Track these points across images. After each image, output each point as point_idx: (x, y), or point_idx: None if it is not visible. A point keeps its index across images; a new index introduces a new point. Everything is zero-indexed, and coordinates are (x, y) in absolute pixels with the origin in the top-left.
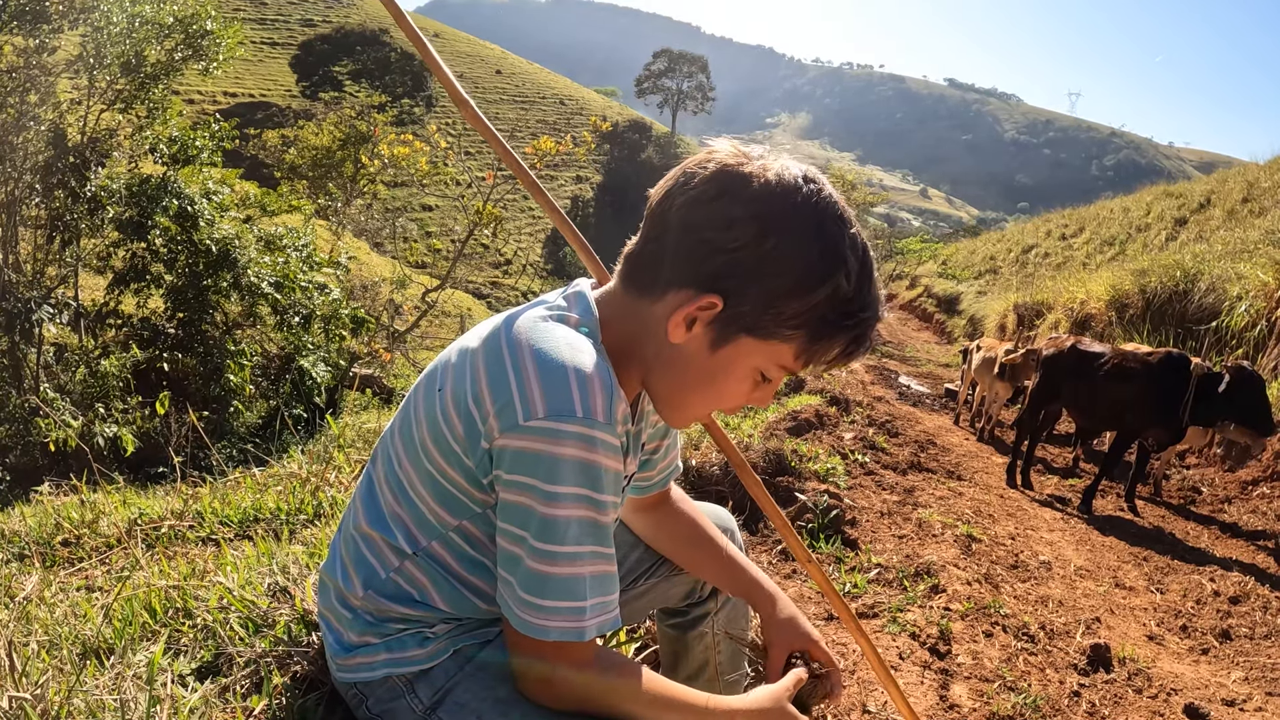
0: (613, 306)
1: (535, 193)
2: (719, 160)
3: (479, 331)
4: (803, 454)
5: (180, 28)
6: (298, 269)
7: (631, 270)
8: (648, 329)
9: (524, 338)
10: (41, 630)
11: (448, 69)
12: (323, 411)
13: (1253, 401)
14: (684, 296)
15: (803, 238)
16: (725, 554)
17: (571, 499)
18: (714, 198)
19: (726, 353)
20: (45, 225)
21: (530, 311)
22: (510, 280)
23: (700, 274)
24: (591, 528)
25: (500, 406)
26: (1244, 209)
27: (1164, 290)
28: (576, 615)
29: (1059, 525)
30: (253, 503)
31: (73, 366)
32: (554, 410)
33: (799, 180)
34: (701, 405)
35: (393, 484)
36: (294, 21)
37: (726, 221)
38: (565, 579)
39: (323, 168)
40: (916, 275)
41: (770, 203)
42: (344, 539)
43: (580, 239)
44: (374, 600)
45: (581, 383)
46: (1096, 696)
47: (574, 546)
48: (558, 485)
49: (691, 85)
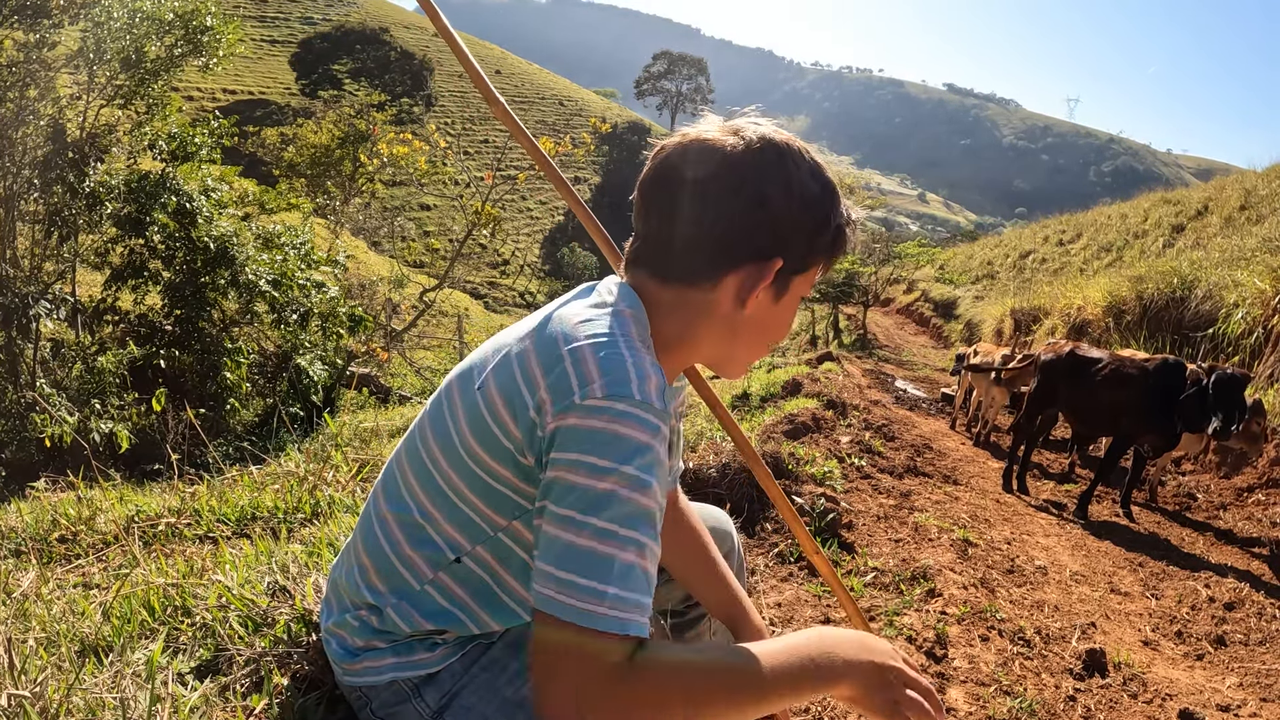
0: (655, 300)
1: (561, 187)
2: (713, 144)
3: (516, 331)
4: (800, 457)
5: (180, 24)
6: (295, 267)
7: (661, 266)
8: (708, 314)
9: (578, 326)
10: (39, 627)
11: (479, 68)
12: (320, 410)
13: (1229, 403)
14: (747, 273)
15: (811, 183)
16: (722, 577)
17: (619, 475)
18: (738, 183)
19: (786, 299)
20: (43, 220)
21: (577, 303)
22: (508, 280)
23: (755, 249)
24: (636, 510)
25: (557, 389)
26: (1241, 216)
27: (1161, 297)
28: (597, 598)
29: (1055, 530)
30: (250, 501)
31: (69, 362)
32: (612, 391)
33: (777, 138)
34: (760, 352)
35: (429, 489)
36: (294, 19)
37: (759, 199)
38: (601, 556)
39: (321, 166)
40: (914, 279)
41: (780, 168)
42: (366, 549)
43: (604, 233)
44: (404, 612)
45: (639, 368)
46: (1092, 701)
47: (613, 524)
48: (606, 460)
49: (690, 87)
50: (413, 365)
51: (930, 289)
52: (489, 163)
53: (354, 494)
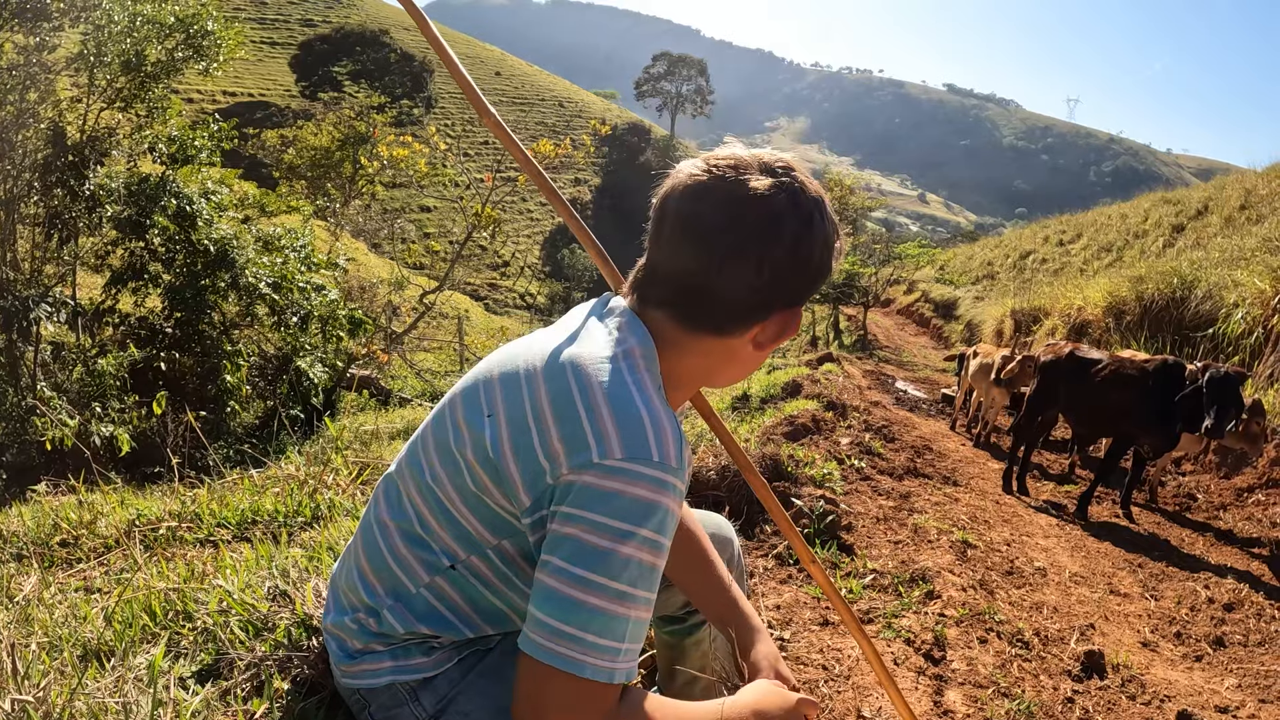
0: (673, 342)
1: (555, 202)
2: (753, 192)
3: (525, 356)
4: (799, 459)
5: (181, 27)
6: (295, 269)
7: (690, 311)
8: (729, 358)
9: (593, 375)
10: (42, 632)
11: (477, 86)
12: (320, 413)
13: (1224, 401)
14: (778, 322)
15: (821, 225)
16: (720, 582)
17: (638, 540)
18: (774, 239)
19: (788, 331)
20: (43, 223)
21: (590, 343)
22: (508, 282)
23: (790, 300)
24: (648, 571)
25: (572, 445)
26: (1241, 216)
27: (1161, 297)
28: (612, 655)
29: (1054, 531)
30: (250, 504)
31: (70, 365)
32: (631, 452)
33: (809, 188)
34: (752, 372)
35: (429, 499)
36: (294, 21)
37: (797, 261)
38: (613, 616)
39: (321, 168)
40: (914, 280)
41: (810, 222)
42: (365, 552)
43: (600, 249)
44: (400, 614)
45: (656, 427)
46: (1090, 703)
47: (629, 586)
48: (627, 524)
49: (691, 89)
50: (413, 367)
51: (930, 290)
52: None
53: (354, 497)
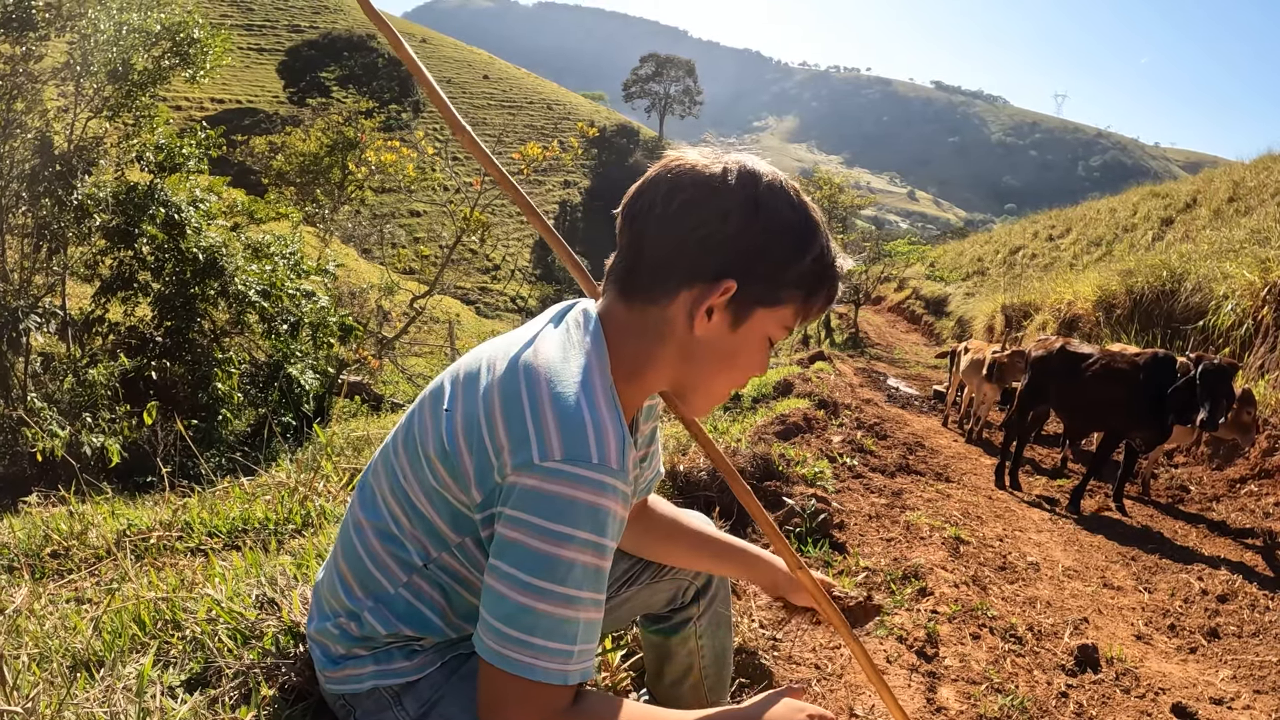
0: (619, 324)
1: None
2: (691, 165)
3: (488, 355)
4: (790, 458)
5: (168, 35)
6: (285, 276)
7: (628, 283)
8: (662, 334)
9: (542, 376)
10: (32, 643)
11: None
12: (311, 419)
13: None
14: (699, 290)
15: (785, 211)
16: (712, 538)
17: (578, 542)
18: (704, 199)
19: (745, 329)
20: (32, 233)
21: (545, 344)
22: (498, 286)
23: (710, 266)
24: (593, 573)
25: (515, 444)
26: (1230, 208)
27: (1151, 290)
28: (564, 658)
29: (1047, 526)
30: (241, 513)
31: (60, 375)
32: (570, 454)
33: (758, 168)
34: (727, 385)
35: (399, 498)
36: (281, 27)
37: (722, 214)
38: (560, 620)
39: (310, 174)
40: (904, 277)
41: (751, 189)
42: (344, 555)
43: (574, 258)
44: (381, 615)
45: (598, 429)
46: (1084, 697)
47: (574, 589)
48: (567, 527)
49: (679, 89)
50: (404, 372)
51: (921, 286)
52: (478, 168)
53: (344, 504)
